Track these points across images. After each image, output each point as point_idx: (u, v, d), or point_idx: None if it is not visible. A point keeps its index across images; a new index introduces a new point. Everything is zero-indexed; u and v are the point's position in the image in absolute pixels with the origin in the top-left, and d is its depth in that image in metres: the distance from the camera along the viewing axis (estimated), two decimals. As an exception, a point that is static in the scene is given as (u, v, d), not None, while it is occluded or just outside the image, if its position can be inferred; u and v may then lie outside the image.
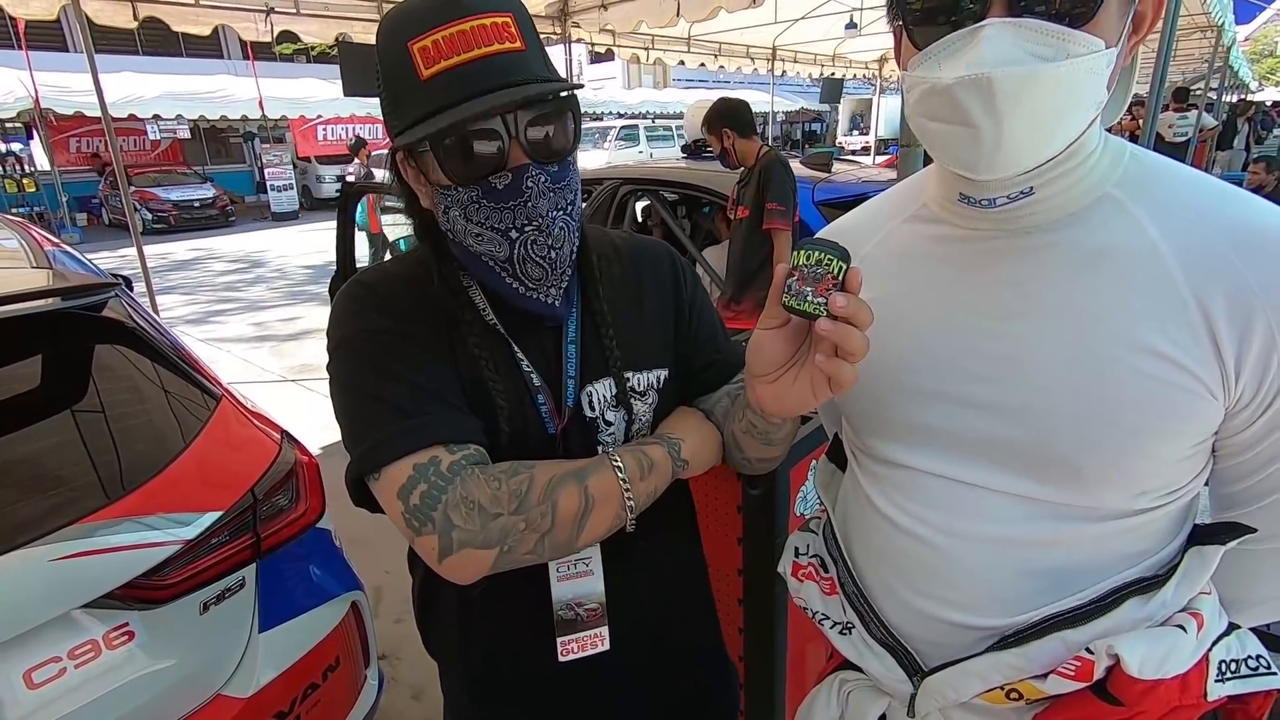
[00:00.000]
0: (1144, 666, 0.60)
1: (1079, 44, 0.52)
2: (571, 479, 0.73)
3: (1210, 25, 7.22)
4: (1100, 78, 0.55)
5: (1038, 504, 0.63)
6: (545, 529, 0.71)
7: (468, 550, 0.68)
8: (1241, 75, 14.04)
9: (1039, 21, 0.52)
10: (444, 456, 0.70)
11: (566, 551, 0.74)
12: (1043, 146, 0.56)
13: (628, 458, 0.76)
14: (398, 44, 0.67)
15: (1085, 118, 0.56)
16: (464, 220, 0.72)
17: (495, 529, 0.69)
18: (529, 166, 0.69)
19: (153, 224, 12.89)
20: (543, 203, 0.71)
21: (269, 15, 4.70)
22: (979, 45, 0.53)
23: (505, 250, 0.72)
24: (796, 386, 0.63)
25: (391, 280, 0.79)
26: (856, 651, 0.76)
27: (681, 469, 0.81)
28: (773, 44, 8.57)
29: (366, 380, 0.73)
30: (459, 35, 0.65)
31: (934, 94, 0.56)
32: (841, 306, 0.56)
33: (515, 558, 0.71)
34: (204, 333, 6.39)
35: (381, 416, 0.71)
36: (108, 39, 13.08)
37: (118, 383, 1.47)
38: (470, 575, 0.70)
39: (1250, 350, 0.56)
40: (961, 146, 0.56)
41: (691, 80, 23.29)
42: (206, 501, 1.34)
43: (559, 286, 0.77)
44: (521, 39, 0.68)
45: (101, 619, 1.19)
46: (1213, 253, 0.57)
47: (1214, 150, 9.71)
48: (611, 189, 3.61)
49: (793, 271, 0.58)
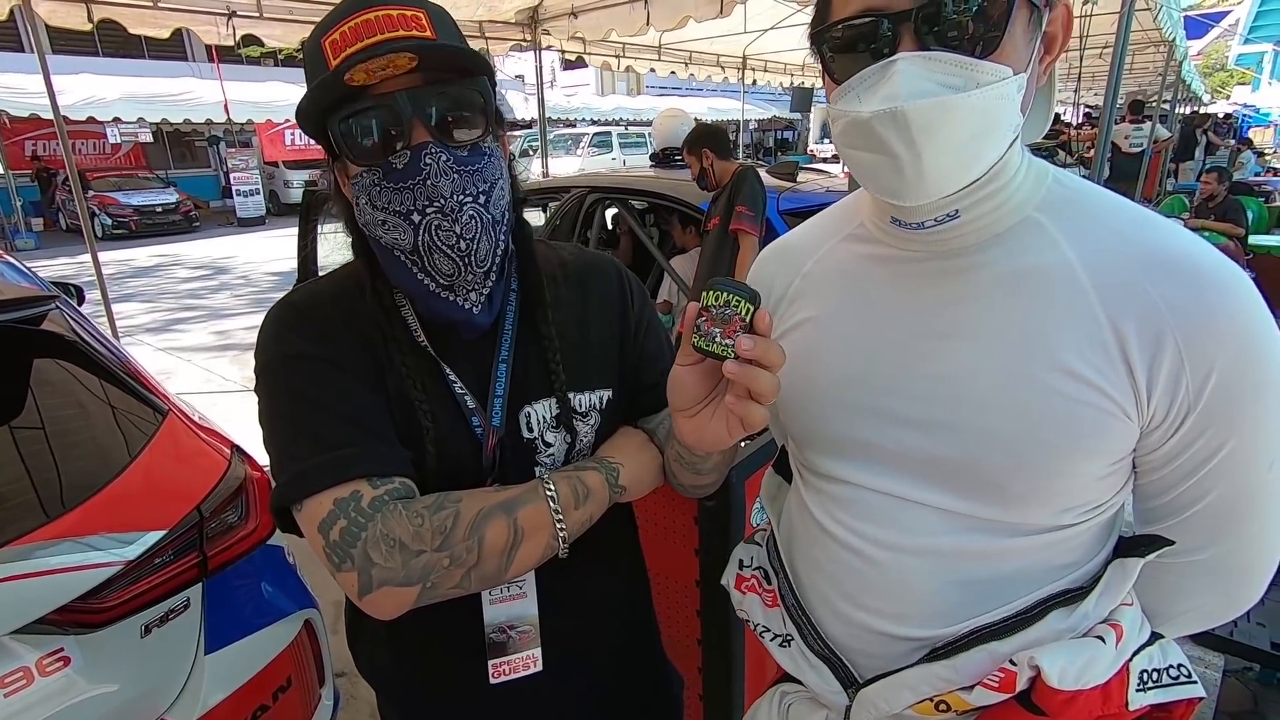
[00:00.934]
0: (1063, 677, 0.61)
1: (986, 73, 0.54)
2: (500, 511, 0.71)
3: (1163, 40, 7.46)
4: (1012, 103, 0.56)
5: (967, 519, 0.65)
6: (471, 564, 0.69)
7: (388, 588, 0.67)
8: (1194, 88, 14.52)
9: (947, 53, 0.54)
10: (365, 491, 0.68)
11: (495, 583, 0.73)
12: (963, 171, 0.57)
13: (562, 485, 0.75)
14: (313, 42, 0.70)
15: (1002, 141, 0.58)
16: (371, 209, 0.70)
17: (417, 566, 0.67)
18: (429, 144, 0.67)
19: (113, 230, 12.57)
20: (444, 182, 0.67)
21: (230, 18, 4.61)
22: (892, 79, 0.54)
23: (410, 236, 0.69)
24: (714, 423, 0.64)
25: (319, 300, 0.77)
26: (795, 664, 0.76)
27: (619, 495, 0.80)
28: (743, 53, 8.65)
29: (289, 408, 0.72)
30: (364, 24, 0.66)
31: (854, 126, 0.57)
32: (748, 349, 0.56)
33: (439, 593, 0.70)
34: (164, 341, 6.24)
35: (303, 447, 0.70)
36: (66, 40, 12.75)
37: (58, 398, 1.43)
38: (391, 612, 0.69)
39: (1161, 372, 0.57)
40: (885, 175, 0.58)
41: (665, 88, 23.42)
42: (150, 520, 1.30)
43: (479, 291, 0.73)
44: (433, 30, 0.68)
45: (34, 644, 1.15)
46: (1126, 276, 0.58)
47: (1169, 161, 10.02)
48: (579, 197, 3.61)
49: (702, 312, 0.57)
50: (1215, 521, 0.63)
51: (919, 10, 0.54)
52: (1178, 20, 7.19)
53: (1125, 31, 3.15)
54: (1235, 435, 0.59)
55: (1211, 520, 0.63)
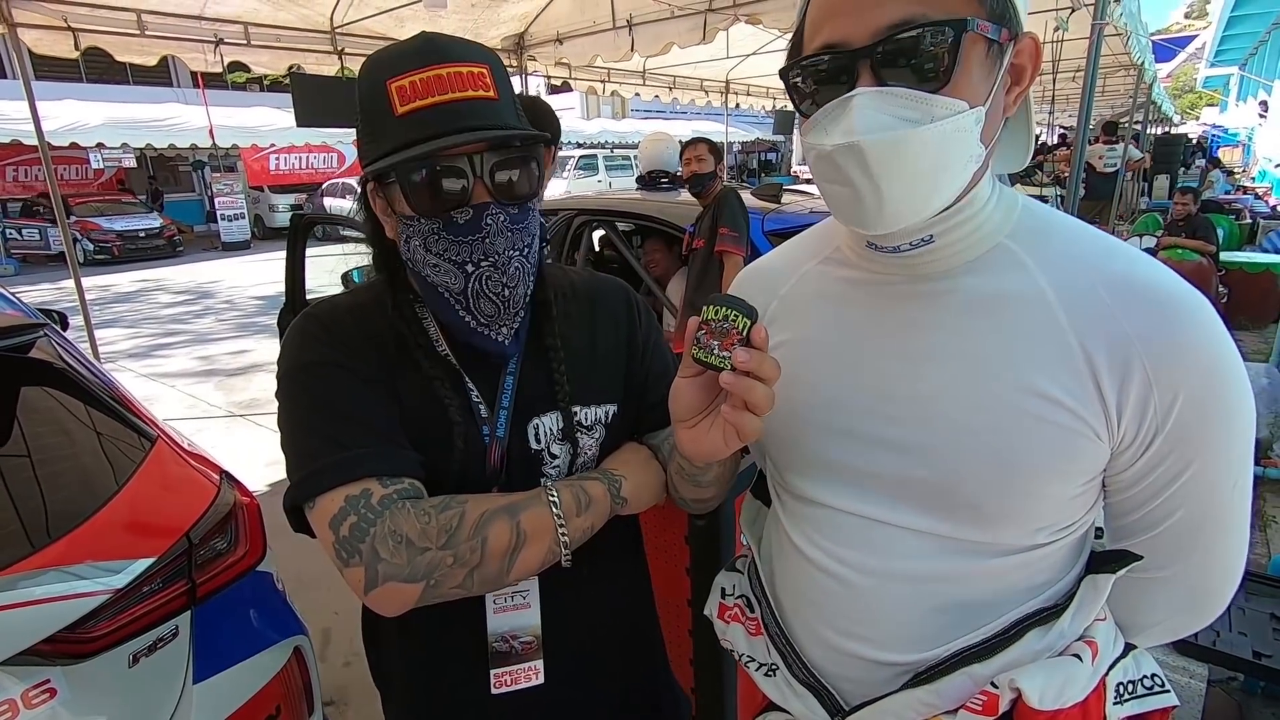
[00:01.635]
0: (1044, 697, 0.62)
1: (941, 107, 0.56)
2: (504, 514, 0.73)
3: (1132, 64, 7.68)
4: (969, 135, 0.58)
5: (944, 540, 0.66)
6: (474, 564, 0.71)
7: (392, 584, 0.69)
8: (1165, 110, 14.95)
9: (902, 89, 0.56)
10: (376, 489, 0.71)
11: (496, 585, 0.74)
12: (924, 202, 0.59)
13: (565, 493, 0.77)
14: (376, 82, 0.72)
15: (962, 173, 0.60)
16: (424, 251, 0.74)
17: (422, 563, 0.69)
18: (490, 205, 0.73)
19: (95, 255, 12.45)
20: (500, 241, 0.74)
21: (218, 46, 4.64)
22: (851, 114, 0.57)
23: (460, 283, 0.74)
24: (711, 434, 0.65)
25: (339, 313, 0.81)
26: (781, 693, 0.77)
27: (620, 506, 0.81)
28: (726, 77, 8.81)
29: (306, 412, 0.75)
30: (435, 79, 0.70)
31: (821, 159, 0.60)
32: (744, 361, 0.58)
33: (442, 592, 0.71)
34: (147, 367, 6.17)
35: (318, 447, 0.73)
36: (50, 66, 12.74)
37: (46, 426, 1.42)
38: (395, 608, 0.71)
39: (1130, 395, 0.59)
40: (851, 206, 0.60)
41: (650, 111, 23.71)
42: (138, 548, 1.29)
43: (510, 326, 0.79)
44: (495, 89, 0.73)
45: (20, 676, 1.13)
46: (1095, 302, 0.61)
47: (1141, 180, 10.27)
48: (566, 220, 3.64)
49: (702, 325, 0.60)
50: (1182, 538, 0.65)
51: (874, 47, 0.56)
52: (1146, 45, 7.42)
53: (1095, 56, 3.26)
54: (1200, 457, 0.61)
55: (1178, 537, 0.65)
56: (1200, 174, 12.05)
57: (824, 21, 0.59)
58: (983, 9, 0.57)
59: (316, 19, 4.96)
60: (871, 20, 0.56)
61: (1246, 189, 12.42)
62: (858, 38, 0.57)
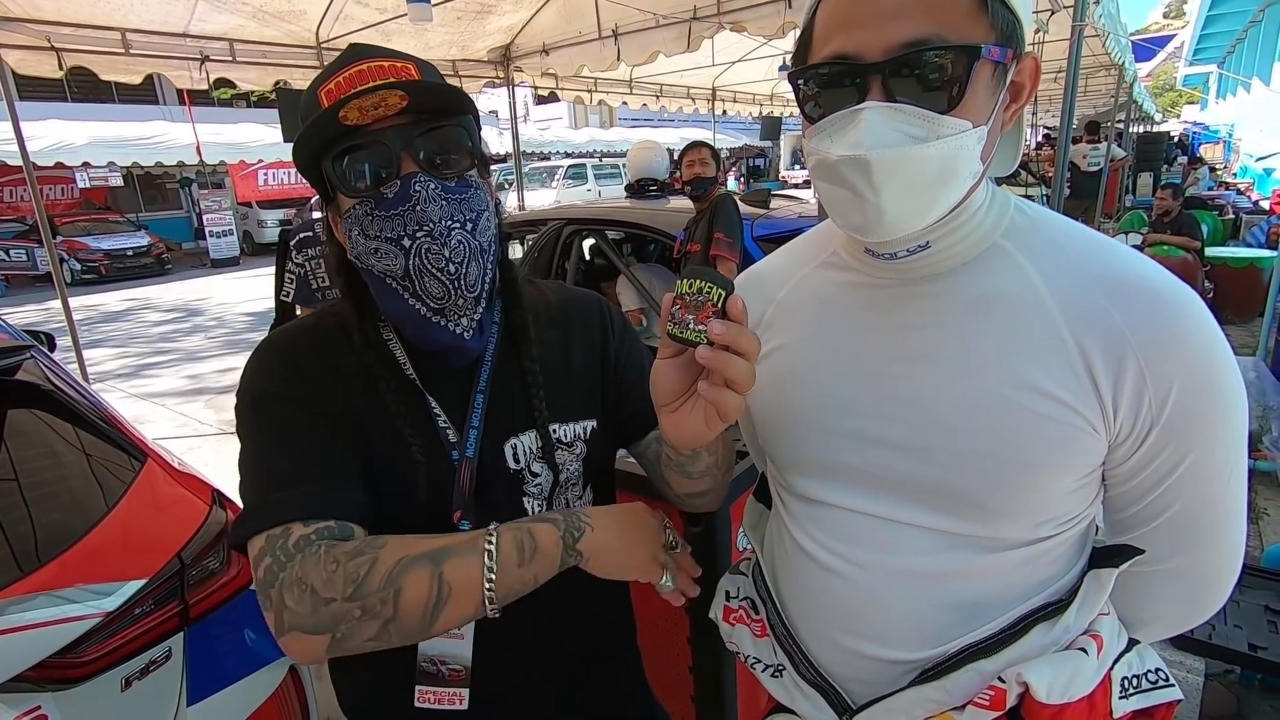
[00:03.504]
0: (1051, 691, 0.62)
1: (948, 126, 0.57)
2: (425, 561, 0.67)
3: (1113, 64, 7.78)
4: (970, 153, 0.59)
5: (947, 536, 0.66)
6: (387, 616, 0.65)
7: (296, 633, 0.65)
8: (1146, 108, 15.12)
9: (911, 107, 0.57)
10: (295, 530, 0.68)
11: (420, 638, 0.69)
12: (922, 214, 0.60)
13: (506, 538, 0.70)
14: (310, 94, 0.74)
15: (961, 187, 0.61)
16: (364, 238, 0.73)
17: (326, 614, 0.64)
18: (417, 174, 0.71)
19: (82, 274, 12.36)
20: (433, 209, 0.71)
21: (204, 63, 4.63)
22: (859, 126, 0.57)
23: (401, 262, 0.72)
24: (693, 416, 0.64)
25: (300, 342, 0.78)
26: (788, 694, 0.76)
27: (575, 560, 0.73)
28: (712, 85, 8.86)
29: (252, 447, 0.74)
30: (357, 73, 0.72)
31: (824, 166, 0.60)
32: (719, 334, 0.57)
33: (354, 644, 0.66)
34: (136, 387, 6.12)
35: (256, 487, 0.72)
36: (34, 86, 12.67)
37: (34, 448, 1.41)
38: (303, 658, 0.67)
39: (1125, 389, 0.60)
40: (851, 212, 0.61)
41: (638, 120, 23.79)
42: (130, 569, 1.28)
43: (470, 316, 0.76)
44: (419, 75, 0.74)
45: (10, 703, 1.12)
46: (1089, 298, 0.61)
47: (1127, 178, 10.37)
48: (556, 229, 3.65)
49: (677, 299, 0.59)
50: (1181, 530, 0.65)
51: (888, 64, 0.56)
52: (1125, 45, 7.52)
53: (1076, 57, 3.30)
54: (1195, 448, 0.61)
55: (1178, 529, 0.65)
56: (1183, 171, 12.17)
57: (837, 30, 0.59)
58: (994, 31, 0.57)
59: (302, 34, 4.96)
60: (887, 36, 0.56)
61: (1229, 185, 12.57)
62: (871, 52, 0.57)
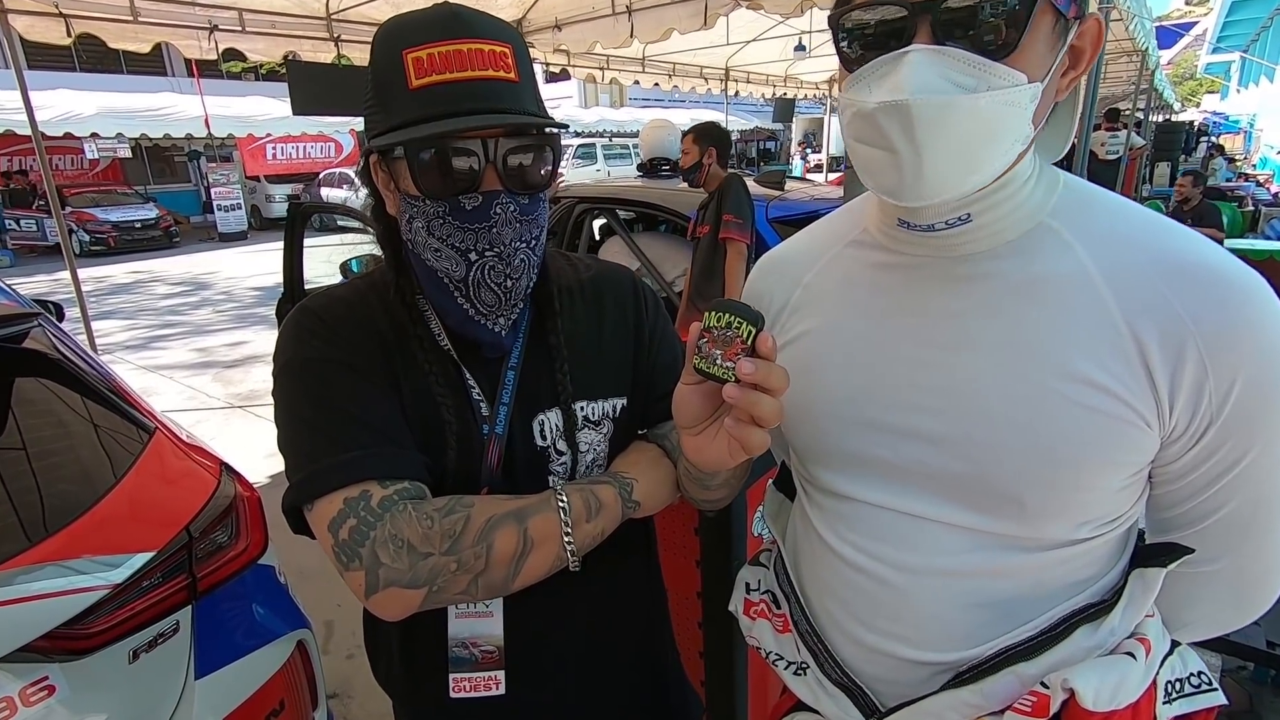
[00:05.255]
0: (1098, 698, 0.59)
1: (1000, 76, 0.53)
2: (511, 519, 0.71)
3: (1135, 50, 7.61)
4: (1022, 111, 0.55)
5: (981, 535, 0.63)
6: (479, 570, 0.69)
7: (394, 589, 0.67)
8: (1166, 97, 14.85)
9: (961, 51, 0.53)
10: (375, 491, 0.69)
11: (502, 591, 0.72)
12: (965, 176, 0.56)
13: (575, 497, 0.74)
14: (393, 50, 0.67)
15: (1008, 150, 0.56)
16: (426, 233, 0.72)
17: (424, 569, 0.67)
18: (500, 193, 0.70)
19: (91, 246, 12.38)
20: (507, 231, 0.71)
21: (212, 33, 4.58)
22: (902, 71, 0.53)
23: (461, 271, 0.72)
24: (716, 443, 0.62)
25: (336, 305, 0.77)
26: (812, 693, 0.74)
27: (633, 510, 0.79)
28: (725, 65, 8.74)
29: (305, 410, 0.72)
30: (455, 54, 0.66)
31: (860, 117, 0.56)
32: (749, 373, 0.54)
33: (446, 597, 0.70)
34: (144, 359, 6.14)
35: (317, 447, 0.70)
36: (42, 55, 12.61)
37: (41, 418, 1.39)
38: (397, 613, 0.69)
39: (1183, 380, 0.56)
40: (885, 171, 0.56)
41: (648, 99, 23.54)
42: (137, 541, 1.27)
43: (509, 317, 0.77)
44: (516, 71, 0.70)
45: (17, 674, 1.11)
46: (1144, 283, 0.57)
47: (1145, 167, 10.22)
48: (568, 208, 3.61)
49: (704, 333, 0.56)
50: (1232, 531, 0.62)
51: (939, 3, 0.52)
52: (1149, 30, 7.35)
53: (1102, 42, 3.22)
54: (1256, 445, 0.57)
55: (1229, 530, 0.62)
56: (1203, 160, 11.99)
57: None
58: None
59: (313, 5, 4.90)
60: None
61: (1248, 176, 12.38)
62: None
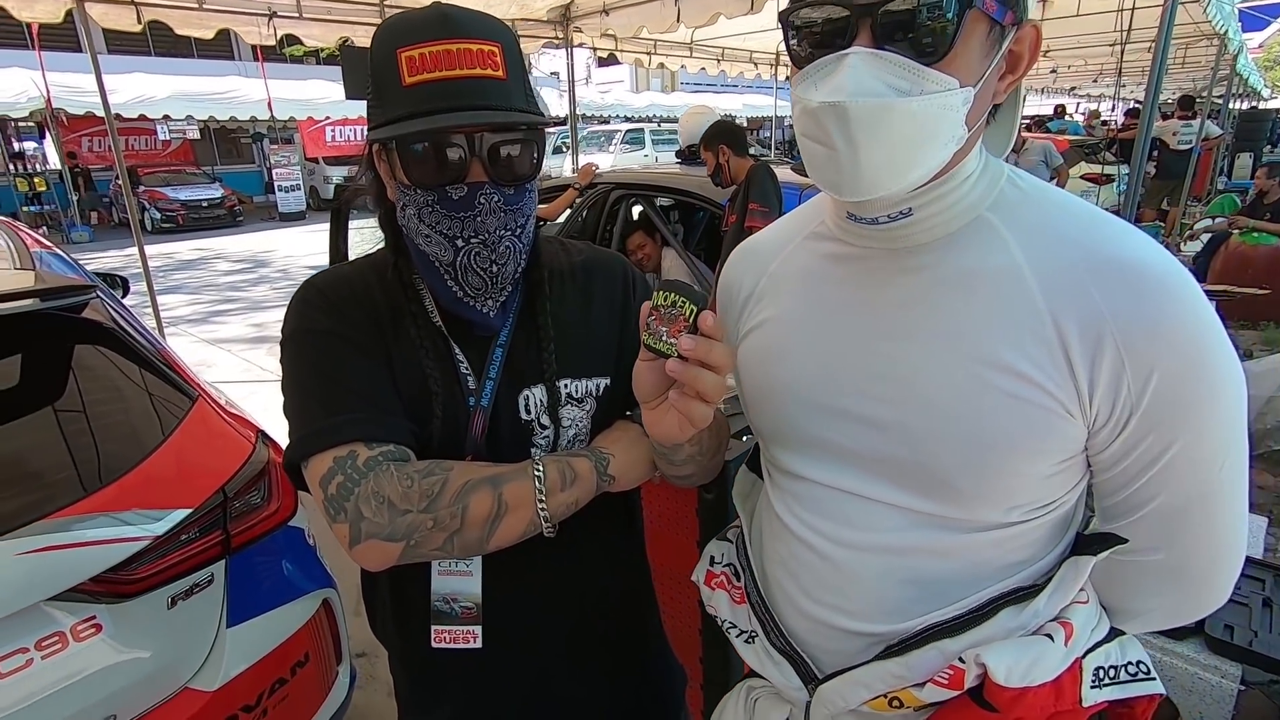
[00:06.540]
0: (1010, 675, 0.62)
1: (932, 81, 0.55)
2: (486, 484, 0.76)
3: (1214, 34, 7.18)
4: (954, 114, 0.57)
5: (918, 515, 0.66)
6: (454, 529, 0.74)
7: (374, 541, 0.73)
8: (1252, 83, 13.94)
9: (897, 56, 0.55)
10: (362, 452, 0.74)
11: (478, 551, 0.77)
12: (900, 174, 0.58)
13: (550, 467, 0.78)
14: (389, 49, 0.72)
15: (941, 149, 0.58)
16: (417, 220, 0.77)
17: (402, 524, 0.73)
18: (484, 185, 0.75)
19: (161, 223, 13.03)
20: (491, 220, 0.76)
21: (271, 19, 4.75)
22: (842, 72, 0.56)
23: (450, 256, 0.77)
24: (667, 418, 0.67)
25: (339, 283, 0.84)
26: (759, 660, 0.78)
27: (608, 483, 0.82)
28: (776, 49, 8.59)
29: (304, 377, 0.79)
30: (444, 53, 0.71)
31: (805, 114, 0.59)
32: (689, 349, 0.59)
33: (423, 552, 0.75)
34: (204, 332, 6.46)
35: (312, 411, 0.77)
36: (120, 41, 13.22)
37: (96, 381, 1.51)
38: (377, 564, 0.75)
39: (1101, 371, 0.58)
40: (826, 166, 0.59)
41: (700, 85, 23.32)
42: (177, 498, 1.37)
43: (497, 299, 0.81)
44: (504, 69, 0.73)
45: (70, 611, 1.23)
46: (1070, 276, 0.59)
47: (1222, 158, 9.66)
48: (603, 194, 3.65)
49: (653, 311, 0.61)
50: (1168, 522, 0.63)
51: (878, 5, 0.55)
52: (1230, 13, 6.91)
53: (1168, 25, 3.06)
54: (1182, 437, 0.59)
55: (1164, 520, 0.63)
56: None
57: None
58: None
59: (366, -9, 5.03)
60: None
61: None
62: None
